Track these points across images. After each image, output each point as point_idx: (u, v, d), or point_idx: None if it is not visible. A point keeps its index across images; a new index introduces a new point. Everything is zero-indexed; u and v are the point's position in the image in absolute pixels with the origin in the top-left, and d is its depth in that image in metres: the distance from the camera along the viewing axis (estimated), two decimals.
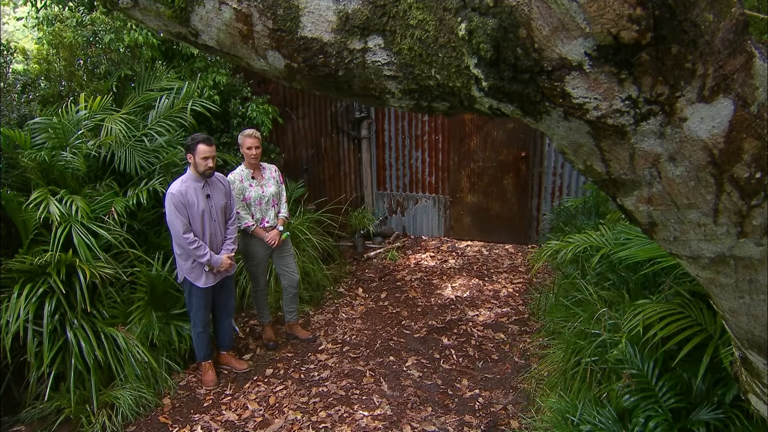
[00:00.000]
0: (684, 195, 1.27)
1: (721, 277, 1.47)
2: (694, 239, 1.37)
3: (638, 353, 3.25)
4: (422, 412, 4.50)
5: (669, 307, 3.20)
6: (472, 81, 1.29)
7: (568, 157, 1.38)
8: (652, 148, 1.21)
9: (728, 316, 1.64)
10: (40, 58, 5.28)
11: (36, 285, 4.28)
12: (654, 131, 1.18)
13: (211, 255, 4.53)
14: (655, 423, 3.03)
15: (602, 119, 1.18)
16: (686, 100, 1.13)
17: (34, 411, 4.41)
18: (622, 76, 1.11)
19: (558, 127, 1.26)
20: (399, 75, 1.39)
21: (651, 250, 3.14)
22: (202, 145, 4.42)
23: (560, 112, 1.20)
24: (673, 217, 1.34)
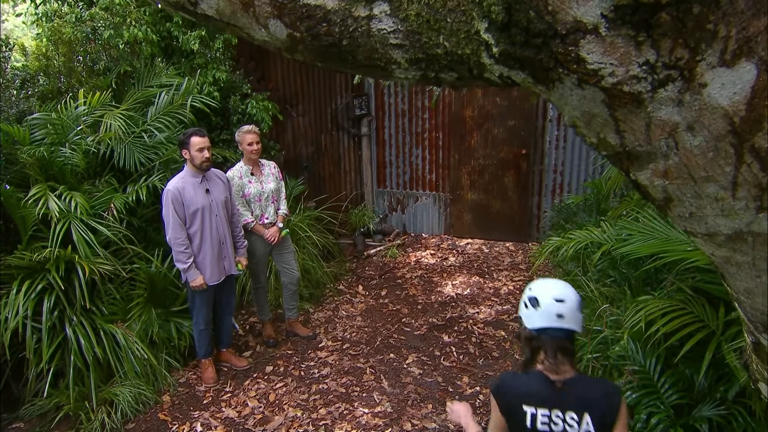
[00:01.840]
0: (702, 167, 1.21)
1: (738, 255, 1.41)
2: (710, 215, 1.32)
3: (640, 349, 3.24)
4: (423, 409, 4.48)
5: (671, 303, 3.18)
6: (482, 47, 1.24)
7: (580, 130, 1.32)
8: (669, 117, 1.15)
9: (743, 298, 1.58)
10: (39, 54, 5.25)
11: (35, 281, 4.26)
12: (672, 98, 1.12)
13: (192, 268, 4.48)
14: (658, 419, 3.01)
15: (618, 86, 1.13)
16: (707, 65, 1.08)
17: (33, 408, 4.39)
18: (639, 38, 1.05)
19: (571, 95, 1.21)
20: (405, 43, 1.34)
21: (653, 245, 3.12)
22: (196, 137, 4.40)
23: (574, 79, 1.15)
24: (689, 192, 1.29)
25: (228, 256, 4.73)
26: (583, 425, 1.99)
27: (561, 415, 2.02)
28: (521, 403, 2.05)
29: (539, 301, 2.04)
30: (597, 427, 1.99)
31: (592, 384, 2.14)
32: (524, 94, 7.07)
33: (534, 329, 2.04)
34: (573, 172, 7.19)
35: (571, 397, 2.02)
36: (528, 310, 2.07)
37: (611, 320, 3.60)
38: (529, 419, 2.03)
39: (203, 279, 4.54)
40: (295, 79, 7.04)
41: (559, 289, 2.06)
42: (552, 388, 2.03)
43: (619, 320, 3.58)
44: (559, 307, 2.01)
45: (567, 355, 2.04)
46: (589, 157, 7.05)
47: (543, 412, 2.03)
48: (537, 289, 2.08)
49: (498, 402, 2.11)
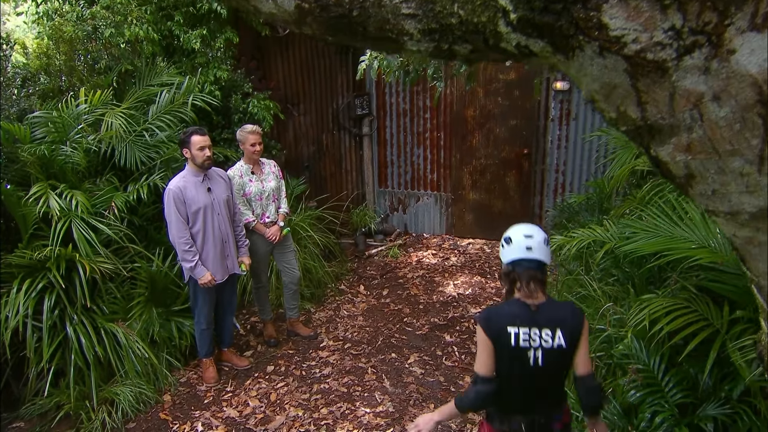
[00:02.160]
0: (727, 140, 1.15)
1: (761, 235, 1.36)
2: (734, 192, 1.26)
3: (644, 348, 3.22)
4: (424, 408, 4.46)
5: (675, 302, 3.16)
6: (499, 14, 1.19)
7: (599, 104, 1.26)
8: (694, 87, 1.10)
9: (763, 282, 1.51)
10: (40, 52, 5.24)
11: (35, 280, 4.24)
12: (698, 66, 1.07)
13: (199, 265, 4.46)
14: (662, 418, 3.00)
15: (641, 54, 1.07)
16: (736, 29, 1.02)
17: (33, 407, 4.37)
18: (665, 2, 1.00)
19: (591, 65, 1.16)
20: (418, 13, 1.29)
21: (657, 243, 3.10)
22: (196, 136, 4.38)
23: (595, 47, 1.10)
24: (713, 167, 1.23)
25: (231, 255, 4.72)
26: (556, 338, 2.44)
27: (538, 332, 2.45)
28: (506, 326, 2.45)
29: (512, 238, 2.49)
30: (567, 339, 2.44)
31: (561, 306, 2.58)
32: (526, 94, 7.06)
33: (509, 262, 2.49)
34: (575, 171, 7.17)
35: (544, 317, 2.46)
36: (504, 248, 2.52)
37: (614, 319, 3.58)
38: (513, 338, 2.44)
39: (211, 275, 4.52)
40: (297, 78, 7.02)
41: (528, 228, 2.51)
42: (529, 311, 2.46)
43: (622, 319, 3.57)
44: (528, 241, 2.45)
45: (538, 283, 2.46)
46: (591, 156, 7.03)
47: (524, 331, 2.44)
48: (510, 231, 2.53)
49: (487, 329, 2.47)
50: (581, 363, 2.50)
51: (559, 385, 2.59)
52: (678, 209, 3.22)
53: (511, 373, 2.49)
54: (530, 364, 2.45)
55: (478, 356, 2.52)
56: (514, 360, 2.46)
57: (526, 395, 2.54)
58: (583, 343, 2.49)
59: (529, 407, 2.56)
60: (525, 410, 2.56)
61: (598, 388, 2.58)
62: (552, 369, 2.48)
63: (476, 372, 2.52)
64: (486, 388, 2.49)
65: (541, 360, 2.44)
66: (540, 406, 2.56)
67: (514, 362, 2.47)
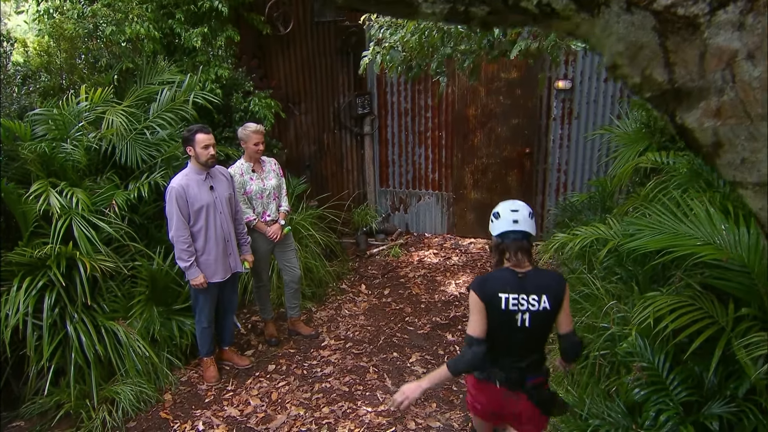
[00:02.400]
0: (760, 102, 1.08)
1: None
2: (765, 160, 1.19)
3: (649, 346, 3.19)
4: (426, 408, 4.44)
5: (679, 300, 3.14)
6: None
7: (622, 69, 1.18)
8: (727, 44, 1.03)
9: None
10: (41, 50, 5.22)
11: (36, 278, 4.22)
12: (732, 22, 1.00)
13: (193, 266, 4.44)
14: (667, 417, 2.97)
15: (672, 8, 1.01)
16: None
17: (33, 406, 4.35)
18: None
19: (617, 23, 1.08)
20: None
21: (662, 240, 3.08)
22: (201, 134, 4.36)
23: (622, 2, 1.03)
24: (743, 133, 1.16)
25: (233, 254, 4.70)
26: (542, 302, 2.73)
27: (525, 297, 2.73)
28: (497, 292, 2.73)
29: (500, 213, 2.79)
30: (551, 303, 2.73)
31: (545, 274, 2.86)
32: (528, 93, 7.04)
33: (498, 235, 2.78)
34: (577, 171, 7.15)
35: (531, 284, 2.74)
36: (493, 222, 2.81)
37: (618, 317, 3.56)
38: (504, 302, 2.72)
39: (204, 278, 4.50)
40: (298, 77, 7.00)
41: (514, 204, 2.81)
42: (517, 278, 2.74)
43: (626, 317, 3.54)
44: (514, 215, 2.75)
45: (525, 253, 2.76)
46: (593, 155, 7.01)
47: (513, 296, 2.72)
48: (498, 207, 2.83)
49: (481, 295, 2.74)
50: (564, 323, 2.84)
51: (540, 347, 2.91)
52: (683, 206, 3.19)
53: (500, 333, 2.78)
54: (518, 326, 2.75)
55: (472, 320, 2.78)
56: (503, 322, 2.75)
57: (511, 353, 2.83)
58: (566, 306, 2.81)
59: (510, 363, 2.84)
60: (505, 366, 2.85)
61: (580, 343, 2.96)
62: (536, 329, 2.79)
63: (470, 335, 2.77)
64: (481, 349, 2.75)
65: (528, 322, 2.75)
66: (518, 362, 2.85)
67: (503, 324, 2.75)
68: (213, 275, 4.57)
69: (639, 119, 4.81)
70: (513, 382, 2.85)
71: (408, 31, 2.81)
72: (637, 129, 4.70)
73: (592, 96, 6.89)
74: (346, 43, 7.34)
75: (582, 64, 6.82)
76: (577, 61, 6.83)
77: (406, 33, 2.83)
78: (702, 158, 1.36)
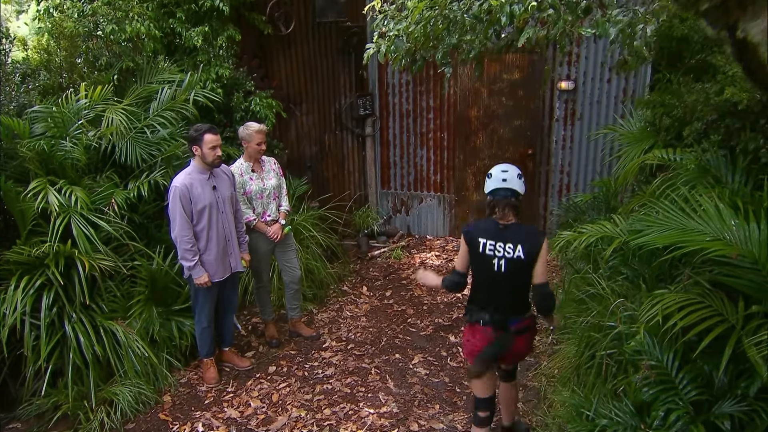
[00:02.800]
0: None
1: None
2: None
3: (657, 344, 3.13)
4: (430, 409, 4.38)
5: (688, 297, 3.07)
6: None
7: None
8: None
9: None
10: (41, 48, 5.18)
11: (34, 277, 4.16)
12: None
13: (198, 266, 4.40)
14: (676, 416, 2.90)
15: None
16: None
17: (30, 407, 4.29)
18: None
19: None
20: None
21: (671, 236, 3.02)
22: (209, 135, 4.33)
23: None
24: None
25: (234, 253, 4.65)
26: (516, 251, 3.16)
27: (502, 245, 3.18)
28: (478, 237, 3.25)
29: (492, 173, 3.30)
30: (525, 254, 3.15)
31: (525, 228, 3.26)
32: (530, 94, 7.00)
33: (489, 192, 3.27)
34: (580, 172, 7.10)
35: (509, 235, 3.19)
36: (486, 182, 3.30)
37: (625, 315, 3.50)
38: (482, 246, 3.23)
39: (208, 277, 4.45)
40: (299, 78, 6.96)
41: (505, 166, 3.34)
42: (498, 228, 3.21)
43: (633, 316, 3.48)
44: (504, 174, 3.26)
45: (511, 208, 3.23)
46: (597, 156, 6.96)
47: (491, 242, 3.21)
48: (492, 169, 3.34)
49: (465, 237, 3.32)
50: (538, 275, 3.21)
51: (520, 294, 3.31)
52: (691, 201, 3.14)
53: (481, 275, 3.30)
54: (494, 270, 3.21)
55: (458, 257, 3.43)
56: (481, 263, 3.25)
57: (490, 294, 3.29)
58: (541, 260, 3.18)
59: (492, 305, 3.28)
60: (489, 307, 3.29)
61: (550, 294, 3.30)
62: (513, 276, 3.21)
63: (454, 268, 3.44)
64: (456, 278, 3.39)
65: (503, 267, 3.19)
66: (500, 306, 3.28)
67: (481, 265, 3.26)
68: (213, 275, 4.52)
69: (644, 118, 4.76)
70: (497, 323, 3.27)
71: (413, 20, 2.77)
72: (642, 127, 4.65)
73: (595, 97, 6.85)
74: (348, 43, 7.31)
75: (585, 65, 6.78)
76: (580, 61, 6.79)
77: (411, 23, 2.79)
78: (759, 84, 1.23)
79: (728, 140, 3.62)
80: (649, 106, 4.42)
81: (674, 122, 4.09)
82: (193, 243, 4.37)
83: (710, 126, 3.62)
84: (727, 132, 3.61)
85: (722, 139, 3.58)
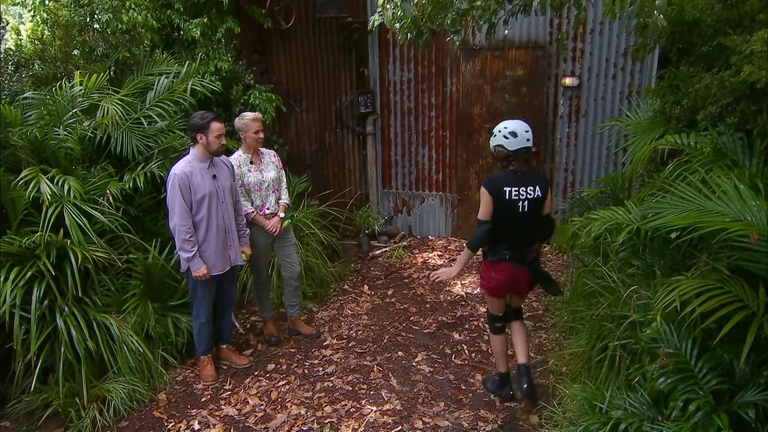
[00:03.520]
0: None
1: None
2: None
3: (674, 332, 2.98)
4: (434, 407, 4.22)
5: (706, 283, 2.93)
6: None
7: None
8: None
9: None
10: (35, 38, 5.06)
11: (24, 268, 4.01)
12: None
13: (196, 257, 4.26)
14: (696, 406, 2.75)
15: None
16: None
17: (19, 406, 4.13)
18: None
19: None
20: None
21: (688, 217, 2.88)
22: (216, 123, 4.23)
23: None
24: None
25: (234, 246, 4.51)
26: (535, 192, 3.73)
27: (524, 189, 3.72)
28: (503, 186, 3.69)
29: (516, 133, 3.69)
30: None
31: (535, 171, 3.89)
32: (534, 91, 6.89)
33: (512, 150, 3.68)
34: (584, 170, 6.98)
35: (528, 179, 3.74)
36: (509, 140, 3.69)
37: (640, 304, 3.35)
38: (507, 194, 3.69)
39: (207, 269, 4.31)
40: (299, 74, 6.85)
41: (523, 125, 3.77)
42: (516, 176, 3.73)
43: (647, 305, 3.34)
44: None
45: (526, 161, 3.77)
46: (602, 154, 6.85)
47: (515, 189, 3.69)
48: (512, 127, 3.74)
49: (490, 189, 3.69)
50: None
51: (534, 229, 3.84)
52: (710, 183, 3.00)
53: (505, 219, 3.72)
54: (519, 211, 3.72)
55: (482, 209, 3.75)
56: (506, 209, 3.70)
57: (514, 234, 3.79)
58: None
59: (513, 242, 3.80)
60: (510, 245, 3.81)
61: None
62: (532, 213, 3.75)
63: (480, 218, 3.77)
64: (487, 227, 3.75)
65: (527, 207, 3.73)
66: (520, 241, 3.82)
67: (506, 211, 3.70)
68: (212, 268, 4.37)
69: (652, 108, 4.64)
70: (517, 257, 3.81)
71: None
72: (652, 116, 4.52)
73: (600, 93, 6.74)
74: (349, 39, 7.21)
75: (590, 61, 6.68)
76: (584, 57, 6.69)
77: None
78: None
79: (744, 124, 3.50)
80: (659, 94, 4.29)
81: (686, 110, 3.97)
82: (191, 233, 4.23)
83: (725, 109, 3.49)
84: (742, 116, 3.49)
85: (738, 123, 3.45)
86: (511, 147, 3.67)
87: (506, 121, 3.83)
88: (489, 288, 4.00)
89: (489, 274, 3.91)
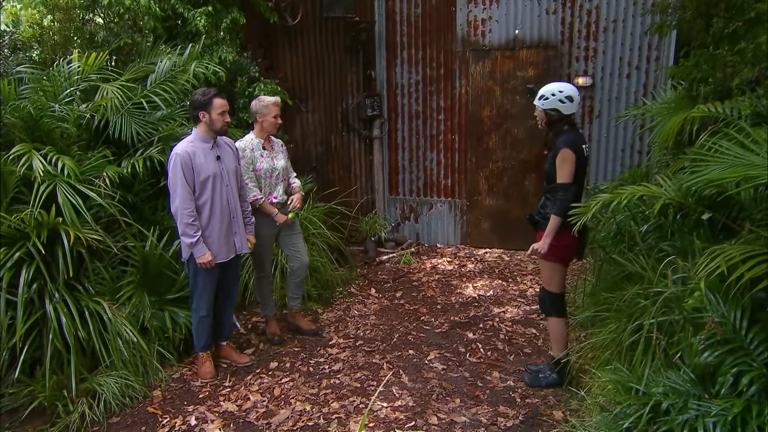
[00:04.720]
0: None
1: None
2: None
3: (720, 300, 2.72)
4: (450, 403, 3.92)
5: (753, 249, 2.67)
6: None
7: None
8: None
9: None
10: (33, 22, 4.90)
11: (12, 249, 3.76)
12: None
13: (200, 242, 4.00)
14: (749, 379, 2.47)
15: None
16: None
17: (3, 400, 3.81)
18: None
19: None
20: None
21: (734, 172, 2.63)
22: (218, 99, 4.02)
23: None
24: None
25: (240, 232, 4.26)
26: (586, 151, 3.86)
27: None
28: (581, 144, 3.78)
29: (573, 98, 3.76)
30: None
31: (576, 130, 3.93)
32: None
33: (566, 114, 3.77)
34: (599, 171, 6.76)
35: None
36: (566, 104, 3.74)
37: (677, 278, 3.08)
38: (585, 150, 3.82)
39: (211, 255, 4.05)
40: (305, 72, 6.69)
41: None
42: (581, 135, 3.92)
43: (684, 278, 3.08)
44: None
45: None
46: (617, 155, 6.65)
47: (585, 146, 3.84)
48: (568, 91, 3.76)
49: (573, 149, 3.69)
50: None
51: None
52: (755, 137, 2.77)
53: (581, 176, 3.80)
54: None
55: (566, 170, 3.71)
56: (583, 165, 3.81)
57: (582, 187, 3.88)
58: None
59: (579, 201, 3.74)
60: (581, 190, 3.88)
61: None
62: None
63: (565, 182, 3.72)
64: (575, 188, 3.74)
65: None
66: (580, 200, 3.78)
67: (583, 167, 3.81)
68: (215, 255, 4.11)
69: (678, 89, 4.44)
70: None
71: None
72: (678, 96, 4.31)
73: (614, 93, 6.57)
74: (356, 40, 7.07)
75: (603, 60, 6.53)
76: (597, 56, 6.54)
77: None
78: None
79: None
80: (685, 72, 4.09)
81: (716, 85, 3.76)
82: (194, 217, 3.98)
83: (762, 74, 3.28)
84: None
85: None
86: (567, 111, 3.74)
87: (557, 83, 3.84)
88: (563, 257, 3.90)
89: (563, 241, 3.79)
